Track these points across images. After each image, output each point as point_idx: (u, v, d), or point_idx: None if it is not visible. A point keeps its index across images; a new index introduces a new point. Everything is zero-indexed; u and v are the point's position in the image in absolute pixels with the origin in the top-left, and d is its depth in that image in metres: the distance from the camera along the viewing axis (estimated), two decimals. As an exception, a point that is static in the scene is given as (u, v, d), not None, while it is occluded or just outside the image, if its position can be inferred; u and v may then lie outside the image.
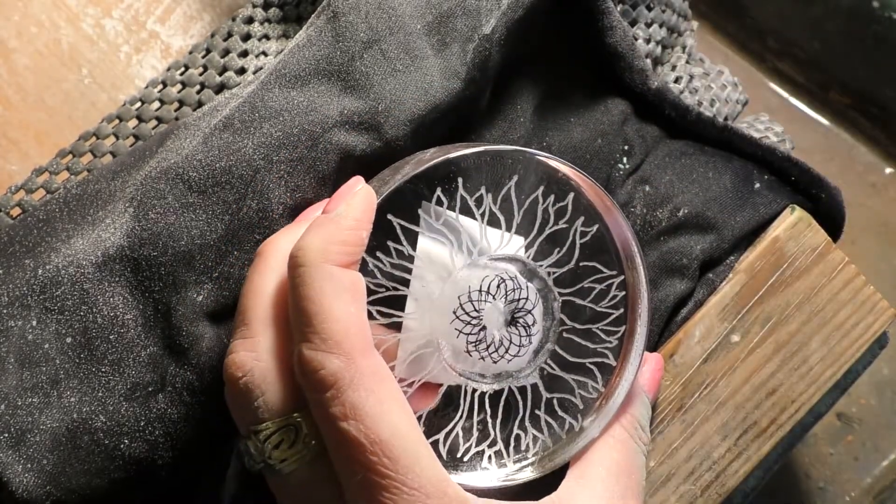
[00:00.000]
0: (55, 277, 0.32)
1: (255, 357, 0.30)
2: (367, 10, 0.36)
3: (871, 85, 0.61)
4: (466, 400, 0.33)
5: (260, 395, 0.30)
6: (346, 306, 0.29)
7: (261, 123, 0.34)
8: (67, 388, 0.32)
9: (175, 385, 0.33)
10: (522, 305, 0.33)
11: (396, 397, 0.29)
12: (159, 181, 0.33)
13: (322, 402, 0.28)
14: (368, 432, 0.27)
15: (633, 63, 0.41)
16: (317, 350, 0.28)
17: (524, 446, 0.34)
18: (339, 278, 0.29)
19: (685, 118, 0.42)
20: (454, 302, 0.32)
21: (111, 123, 0.40)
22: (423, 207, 0.32)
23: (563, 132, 0.40)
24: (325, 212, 0.31)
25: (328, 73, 0.35)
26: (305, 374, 0.28)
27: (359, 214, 0.31)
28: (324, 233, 0.30)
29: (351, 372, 0.28)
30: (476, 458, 0.33)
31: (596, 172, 0.40)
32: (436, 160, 0.32)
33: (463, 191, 0.33)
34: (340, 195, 0.32)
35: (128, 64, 0.43)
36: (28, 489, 0.31)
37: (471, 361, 0.33)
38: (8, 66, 0.42)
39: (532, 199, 0.33)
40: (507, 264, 0.33)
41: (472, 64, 0.37)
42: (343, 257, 0.30)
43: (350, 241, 0.30)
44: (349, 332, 0.28)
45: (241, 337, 0.31)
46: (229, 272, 0.33)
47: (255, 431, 0.30)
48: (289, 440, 0.29)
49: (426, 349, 0.32)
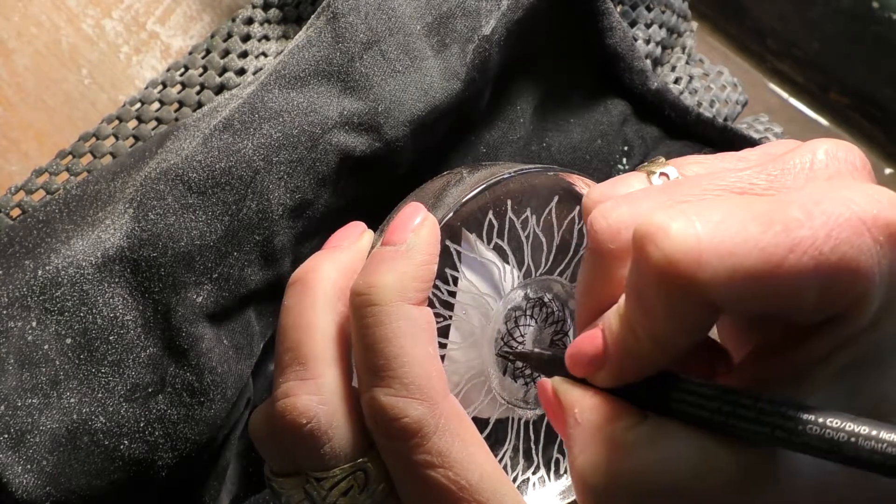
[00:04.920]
0: (55, 278, 0.32)
1: (320, 401, 0.28)
2: (367, 10, 0.36)
3: (871, 85, 0.61)
4: (513, 428, 0.32)
5: (327, 441, 0.28)
6: (424, 348, 0.27)
7: (260, 124, 0.34)
8: (67, 388, 0.32)
9: (175, 386, 0.33)
10: (561, 328, 0.33)
11: (477, 439, 0.28)
12: (159, 182, 0.33)
13: (404, 451, 0.27)
14: (458, 478, 0.26)
15: (632, 64, 0.41)
16: (397, 396, 0.27)
17: (562, 470, 0.33)
18: (416, 318, 0.28)
19: (685, 119, 0.42)
20: (499, 328, 0.31)
21: (111, 124, 0.40)
22: (466, 233, 0.31)
23: (562, 133, 0.40)
24: (386, 242, 0.30)
25: (328, 73, 0.35)
26: (384, 421, 0.27)
27: (430, 248, 0.29)
28: (397, 269, 0.28)
29: (436, 418, 0.27)
30: (523, 486, 0.33)
31: (596, 173, 0.40)
32: (490, 181, 0.30)
33: (511, 213, 0.32)
34: (402, 225, 0.30)
35: (128, 64, 0.43)
36: (28, 490, 0.31)
37: (515, 389, 0.32)
38: (8, 67, 0.42)
39: (570, 220, 0.33)
40: (544, 287, 0.33)
41: (472, 65, 0.37)
42: (418, 294, 0.28)
43: (423, 277, 0.29)
44: (430, 376, 0.27)
45: (297, 378, 0.29)
46: (229, 273, 0.33)
47: (318, 479, 0.28)
48: (358, 486, 0.28)
49: (475, 381, 0.31)
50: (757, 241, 0.21)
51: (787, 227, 0.21)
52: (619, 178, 0.28)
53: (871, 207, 0.21)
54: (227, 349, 0.34)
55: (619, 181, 0.27)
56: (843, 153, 0.24)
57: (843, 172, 0.24)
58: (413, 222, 0.30)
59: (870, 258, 0.21)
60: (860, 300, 0.21)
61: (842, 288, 0.21)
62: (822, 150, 0.24)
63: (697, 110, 0.42)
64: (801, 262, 0.20)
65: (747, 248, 0.21)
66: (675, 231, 0.21)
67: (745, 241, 0.21)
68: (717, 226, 0.21)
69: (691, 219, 0.21)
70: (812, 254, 0.20)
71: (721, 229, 0.21)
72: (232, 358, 0.34)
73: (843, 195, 0.21)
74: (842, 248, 0.21)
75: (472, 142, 0.40)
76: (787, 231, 0.21)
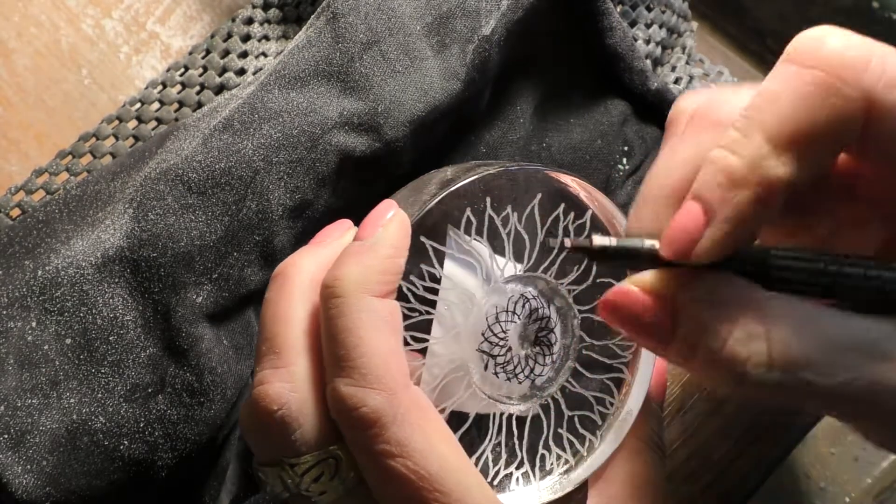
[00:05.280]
0: (55, 278, 0.32)
1: (291, 388, 0.29)
2: (367, 11, 0.36)
3: (871, 85, 0.61)
4: (495, 423, 0.33)
5: (297, 427, 0.28)
6: (385, 339, 0.28)
7: (260, 124, 0.34)
8: (67, 389, 0.32)
9: (175, 386, 0.33)
10: (545, 325, 0.33)
11: (440, 428, 0.28)
12: (159, 182, 0.33)
13: (364, 440, 0.27)
14: (417, 468, 0.26)
15: (632, 64, 0.41)
16: (356, 386, 0.27)
17: (548, 466, 0.33)
18: (378, 310, 0.28)
19: (685, 119, 0.42)
20: (482, 324, 0.31)
21: (111, 124, 0.40)
22: (451, 228, 0.31)
23: (562, 133, 0.40)
24: (357, 238, 0.30)
25: (328, 74, 0.35)
26: (344, 410, 0.27)
27: (396, 241, 0.29)
28: (362, 262, 0.29)
29: (394, 408, 0.27)
30: (505, 481, 0.33)
31: (595, 173, 0.40)
32: (467, 180, 0.31)
33: (491, 210, 0.32)
34: (373, 221, 0.30)
35: (128, 64, 0.43)
36: (28, 490, 0.31)
37: (498, 384, 0.32)
38: (8, 67, 0.42)
39: (553, 217, 0.33)
40: (529, 284, 0.33)
41: (472, 65, 0.37)
42: (381, 287, 0.29)
43: (388, 270, 0.29)
44: (390, 367, 0.27)
45: (271, 366, 0.29)
46: (229, 273, 0.33)
47: (291, 465, 0.28)
48: (329, 472, 0.28)
49: (455, 374, 0.32)
50: None
51: None
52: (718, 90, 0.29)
53: None
54: (227, 349, 0.34)
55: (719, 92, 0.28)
56: None
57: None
58: (384, 218, 0.30)
59: None
60: None
61: None
62: None
63: (697, 110, 0.42)
64: None
65: None
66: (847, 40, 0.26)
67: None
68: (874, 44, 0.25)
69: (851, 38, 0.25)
70: None
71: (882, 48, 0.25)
72: (232, 358, 0.34)
73: None
74: None
75: (472, 142, 0.40)
76: None
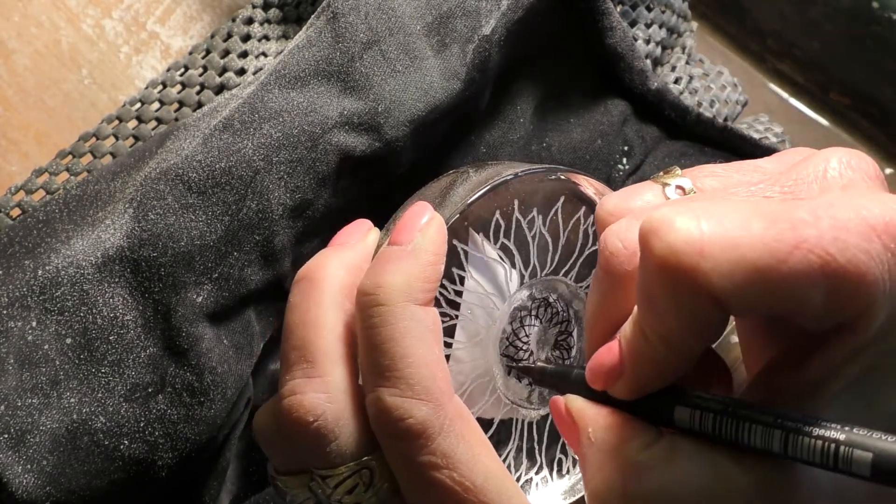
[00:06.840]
0: (55, 278, 0.32)
1: (328, 399, 0.28)
2: (367, 10, 0.36)
3: (871, 85, 0.61)
4: (517, 428, 0.32)
5: (334, 439, 0.28)
6: (430, 349, 0.27)
7: (260, 124, 0.34)
8: (67, 388, 0.32)
9: (175, 386, 0.33)
10: (565, 328, 0.33)
11: (482, 439, 0.27)
12: (159, 182, 0.33)
13: (408, 452, 0.27)
14: (463, 480, 0.26)
15: (632, 64, 0.41)
16: (402, 396, 0.26)
17: (565, 470, 0.33)
18: (422, 319, 0.28)
19: (685, 119, 0.42)
20: (504, 328, 0.31)
21: (111, 124, 0.40)
22: (473, 232, 0.31)
23: (562, 133, 0.40)
24: (393, 242, 0.30)
25: (328, 73, 0.35)
26: (389, 422, 0.27)
27: (436, 248, 0.29)
28: (403, 269, 0.28)
29: (440, 419, 0.26)
30: (526, 486, 0.33)
31: (596, 173, 0.40)
32: (497, 181, 0.30)
33: (518, 213, 0.31)
34: (409, 225, 0.30)
35: (128, 64, 0.43)
36: (28, 490, 0.31)
37: (520, 388, 0.32)
38: (8, 67, 0.42)
39: (575, 220, 0.33)
40: (550, 287, 0.33)
41: (472, 65, 0.37)
42: (424, 295, 0.28)
43: (430, 278, 0.28)
44: (436, 377, 0.27)
45: (304, 375, 0.29)
46: (229, 273, 0.33)
47: (323, 476, 0.28)
48: (363, 484, 0.28)
49: (480, 380, 0.31)
50: (761, 236, 0.20)
51: (793, 226, 0.21)
52: (633, 188, 0.28)
53: (883, 214, 0.21)
54: (227, 349, 0.34)
55: (634, 192, 0.27)
56: (855, 161, 0.24)
57: (857, 181, 0.24)
58: (420, 222, 0.29)
59: (879, 265, 0.21)
60: (868, 309, 0.21)
61: (849, 292, 0.21)
62: (834, 160, 0.24)
63: (697, 110, 0.42)
64: (807, 259, 0.20)
65: (751, 242, 0.20)
66: (679, 224, 0.21)
67: (748, 235, 0.21)
68: (721, 220, 0.21)
69: (696, 213, 0.21)
70: (818, 253, 0.20)
71: (725, 223, 0.21)
72: (232, 358, 0.34)
73: (855, 202, 0.21)
74: (850, 252, 0.20)
75: (472, 142, 0.40)
76: (793, 229, 0.20)
